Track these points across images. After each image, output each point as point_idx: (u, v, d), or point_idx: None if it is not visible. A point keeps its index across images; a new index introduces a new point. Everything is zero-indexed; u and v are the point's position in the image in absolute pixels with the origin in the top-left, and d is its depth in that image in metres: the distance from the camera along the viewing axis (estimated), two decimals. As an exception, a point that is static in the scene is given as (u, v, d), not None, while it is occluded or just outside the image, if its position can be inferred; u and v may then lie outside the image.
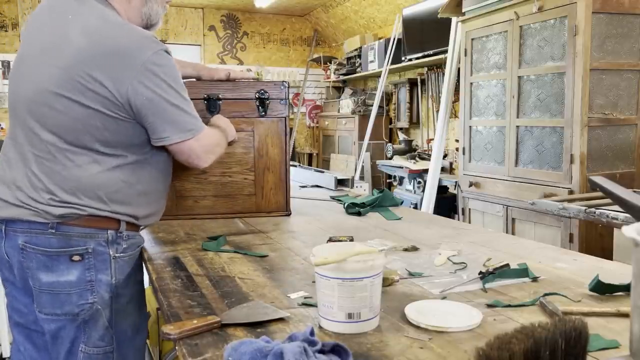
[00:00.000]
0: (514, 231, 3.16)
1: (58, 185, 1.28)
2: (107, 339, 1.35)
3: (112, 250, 1.34)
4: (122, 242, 1.36)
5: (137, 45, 1.27)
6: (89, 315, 1.32)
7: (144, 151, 1.38)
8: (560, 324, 0.65)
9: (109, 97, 1.26)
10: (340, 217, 1.97)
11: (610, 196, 1.12)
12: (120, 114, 1.29)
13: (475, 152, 3.55)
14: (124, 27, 1.31)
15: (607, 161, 2.81)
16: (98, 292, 1.32)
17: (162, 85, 1.29)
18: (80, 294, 1.30)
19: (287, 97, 1.94)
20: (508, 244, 1.56)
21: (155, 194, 1.46)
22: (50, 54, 1.29)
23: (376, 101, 5.58)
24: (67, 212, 1.28)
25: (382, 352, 0.83)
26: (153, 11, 1.46)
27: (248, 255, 1.43)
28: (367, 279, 0.90)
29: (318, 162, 7.31)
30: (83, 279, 1.30)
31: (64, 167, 1.28)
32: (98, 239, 1.32)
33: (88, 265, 1.31)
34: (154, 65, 1.27)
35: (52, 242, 1.29)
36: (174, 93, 1.32)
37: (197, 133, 1.38)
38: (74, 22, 1.29)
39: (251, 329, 0.92)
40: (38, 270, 1.29)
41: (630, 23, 2.77)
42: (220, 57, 7.31)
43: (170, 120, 1.33)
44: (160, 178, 1.47)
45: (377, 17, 6.25)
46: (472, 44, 3.51)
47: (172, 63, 1.33)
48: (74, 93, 1.25)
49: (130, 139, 1.34)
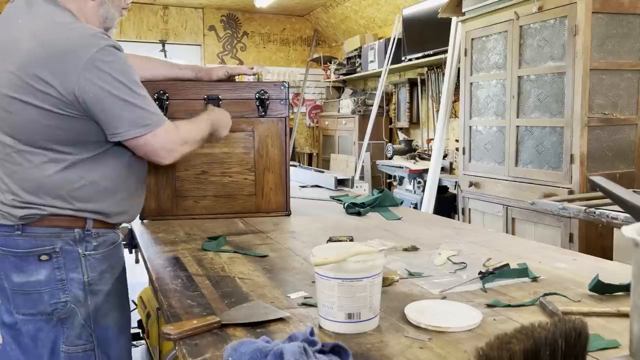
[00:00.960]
0: (514, 231, 3.16)
1: (20, 186, 1.30)
2: (84, 337, 1.35)
3: (81, 249, 1.34)
4: (91, 240, 1.36)
5: (82, 42, 1.27)
6: (65, 314, 1.32)
7: (104, 147, 1.36)
8: (560, 324, 0.65)
9: (58, 97, 1.26)
10: (340, 217, 1.97)
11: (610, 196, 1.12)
12: (72, 112, 1.28)
13: (475, 152, 3.55)
14: (71, 27, 1.31)
15: (607, 161, 2.81)
16: (70, 291, 1.32)
17: (110, 80, 1.28)
18: (52, 293, 1.31)
19: (287, 97, 1.94)
20: (508, 244, 1.56)
21: (124, 191, 1.43)
22: (2, 58, 1.30)
23: (376, 101, 5.58)
24: (28, 214, 1.29)
25: (382, 352, 0.83)
26: (109, 14, 1.45)
27: (248, 255, 1.43)
28: (367, 279, 0.90)
29: (318, 162, 7.31)
30: (53, 278, 1.31)
31: (23, 168, 1.30)
32: (65, 238, 1.32)
33: (57, 264, 1.31)
34: (100, 62, 1.26)
35: (20, 243, 1.30)
36: (123, 88, 1.30)
37: (154, 128, 1.35)
38: (23, 26, 1.30)
39: (251, 329, 0.92)
40: (10, 272, 1.31)
41: (630, 23, 2.77)
42: (220, 57, 7.31)
43: (122, 116, 1.31)
44: (128, 174, 1.44)
45: (377, 17, 6.25)
46: (472, 44, 3.51)
47: (120, 59, 1.32)
48: (25, 95, 1.26)
49: (86, 136, 1.33)
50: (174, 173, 1.90)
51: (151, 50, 6.76)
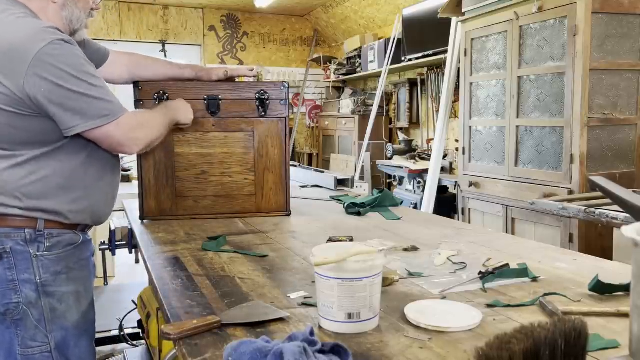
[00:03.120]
0: (514, 231, 3.16)
1: None
2: (39, 339, 1.33)
3: (32, 249, 1.33)
4: (44, 241, 1.34)
5: (30, 38, 1.25)
6: (17, 315, 1.31)
7: (58, 144, 1.34)
8: (560, 324, 0.65)
9: (8, 94, 1.24)
10: (340, 217, 1.97)
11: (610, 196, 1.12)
12: (23, 109, 1.27)
13: (475, 152, 3.55)
14: (19, 23, 1.29)
15: (607, 161, 2.81)
16: (22, 292, 1.31)
17: (60, 74, 1.26)
18: (3, 293, 1.30)
19: (287, 98, 1.94)
20: (508, 244, 1.56)
21: (79, 189, 1.40)
22: None
23: (376, 101, 5.58)
24: None
25: (382, 352, 0.83)
26: (74, 16, 1.43)
27: (248, 255, 1.43)
28: (366, 279, 0.90)
29: (318, 162, 7.30)
30: (4, 279, 1.30)
31: None
32: (15, 238, 1.31)
33: (8, 264, 1.30)
34: (49, 56, 1.24)
35: None
36: (75, 81, 1.28)
37: (113, 118, 1.33)
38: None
39: (251, 329, 0.92)
40: None
41: (630, 23, 2.77)
42: (220, 57, 7.31)
43: (76, 109, 1.29)
44: (85, 171, 1.41)
45: (377, 17, 6.25)
46: (472, 44, 3.51)
47: (70, 52, 1.30)
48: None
49: (39, 133, 1.31)
50: (174, 173, 1.90)
51: (151, 50, 6.76)
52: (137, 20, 6.87)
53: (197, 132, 1.89)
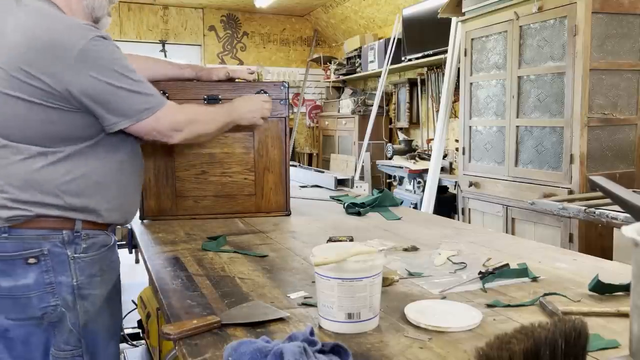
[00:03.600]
0: (514, 231, 3.16)
1: (7, 182, 1.25)
2: (72, 343, 1.31)
3: (70, 251, 1.30)
4: (80, 242, 1.32)
5: (70, 35, 1.25)
6: (55, 318, 1.29)
7: (95, 140, 1.34)
8: (560, 324, 0.65)
9: (49, 90, 1.24)
10: (340, 217, 1.97)
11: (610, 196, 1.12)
12: (63, 105, 1.26)
13: (475, 152, 3.55)
14: (57, 19, 1.28)
15: (607, 161, 2.81)
16: (60, 295, 1.29)
17: (103, 70, 1.27)
18: (41, 297, 1.27)
19: (287, 98, 1.94)
20: (508, 244, 1.56)
21: (115, 187, 1.39)
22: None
23: (376, 101, 5.58)
24: (15, 215, 1.25)
25: (382, 352, 0.83)
26: (96, 4, 1.42)
27: (248, 255, 1.43)
28: (366, 279, 0.90)
29: (318, 162, 7.30)
30: (41, 282, 1.27)
31: (9, 162, 1.26)
32: (53, 240, 1.29)
33: (45, 267, 1.28)
34: (91, 52, 1.25)
35: (7, 246, 1.26)
36: (118, 76, 1.29)
37: (154, 111, 1.34)
38: (10, 21, 1.28)
39: (251, 329, 0.92)
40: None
41: (630, 23, 2.77)
42: (220, 57, 7.31)
43: (119, 104, 1.30)
44: (120, 168, 1.41)
45: (377, 17, 6.25)
46: (472, 44, 3.51)
47: (110, 47, 1.30)
48: (12, 89, 1.23)
49: (77, 129, 1.30)
50: (174, 173, 1.90)
51: (151, 50, 6.76)
52: (137, 20, 6.87)
53: (197, 132, 1.89)
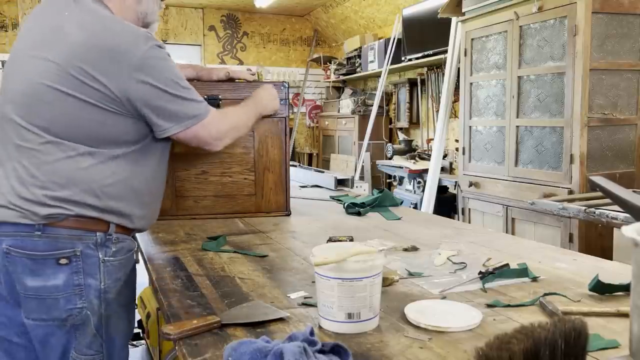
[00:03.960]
0: (514, 231, 3.16)
1: (49, 179, 1.24)
2: (95, 347, 1.30)
3: (101, 254, 1.29)
4: (111, 246, 1.31)
5: (132, 41, 1.28)
6: (79, 321, 1.27)
7: (137, 146, 1.36)
8: (560, 324, 0.65)
9: (105, 92, 1.26)
10: (340, 217, 1.97)
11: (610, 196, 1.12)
12: (116, 108, 1.28)
13: (475, 152, 3.55)
14: (118, 24, 1.32)
15: (607, 161, 2.81)
16: (87, 297, 1.27)
17: (160, 78, 1.31)
18: (68, 298, 1.25)
19: (287, 97, 1.94)
20: (508, 244, 1.56)
21: (148, 194, 1.42)
22: (44, 48, 1.28)
23: (376, 101, 5.58)
24: (54, 212, 1.23)
25: (382, 352, 0.83)
26: (149, 9, 1.46)
27: (248, 255, 1.43)
28: (367, 279, 0.90)
29: (318, 162, 7.30)
30: (71, 283, 1.25)
31: (55, 159, 1.25)
32: (86, 241, 1.27)
33: (76, 268, 1.26)
34: (149, 59, 1.29)
35: (39, 244, 1.23)
36: (173, 84, 1.34)
37: (202, 118, 1.40)
38: (69, 18, 1.29)
39: (251, 329, 0.92)
40: (23, 275, 1.24)
41: (630, 23, 2.77)
42: (220, 57, 7.31)
43: (172, 111, 1.34)
44: (154, 176, 1.43)
45: (377, 17, 6.25)
46: (472, 44, 3.51)
47: (166, 55, 1.35)
48: (68, 87, 1.24)
49: (124, 133, 1.32)
50: (174, 173, 1.90)
51: (151, 50, 6.76)
52: (137, 20, 6.86)
53: (197, 132, 1.89)
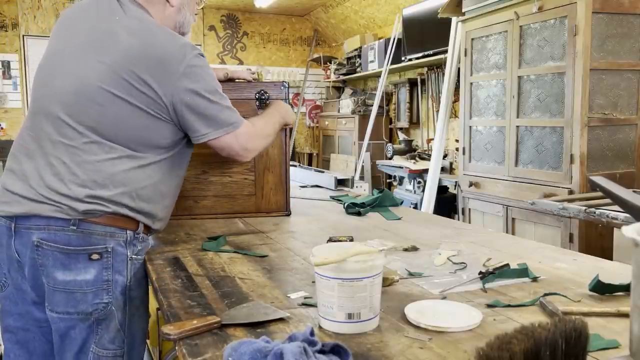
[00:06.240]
0: (514, 231, 3.16)
1: (90, 177, 1.28)
2: (117, 342, 1.33)
3: (129, 251, 1.34)
4: (137, 244, 1.37)
5: (180, 50, 1.35)
6: (103, 316, 1.30)
7: (170, 153, 1.42)
8: (560, 324, 0.65)
9: (154, 98, 1.32)
10: (340, 217, 1.97)
11: (610, 196, 1.12)
12: (161, 114, 1.34)
13: (475, 152, 3.55)
14: (166, 33, 1.39)
15: (607, 161, 2.81)
16: (114, 293, 1.31)
17: (203, 85, 1.37)
18: (97, 293, 1.29)
19: (287, 97, 1.94)
20: (508, 244, 1.56)
21: (170, 199, 1.48)
22: (96, 50, 1.32)
23: (376, 101, 5.58)
24: (92, 209, 1.27)
25: (382, 352, 0.83)
26: (186, 20, 1.53)
27: (248, 255, 1.43)
28: (367, 279, 0.90)
29: (318, 162, 7.30)
30: (100, 279, 1.29)
31: (98, 159, 1.29)
32: (118, 238, 1.32)
33: (106, 264, 1.30)
34: (195, 67, 1.35)
35: (72, 239, 1.27)
36: (213, 91, 1.40)
37: (234, 128, 1.44)
38: (120, 22, 1.35)
39: (251, 329, 0.92)
40: (54, 268, 1.26)
41: (630, 23, 2.77)
42: (220, 57, 7.31)
43: (210, 118, 1.39)
44: (178, 182, 1.51)
45: (377, 17, 6.25)
46: (472, 44, 3.51)
47: (207, 63, 1.42)
48: (119, 90, 1.29)
49: (163, 138, 1.38)
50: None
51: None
52: (137, 20, 6.86)
53: (197, 132, 1.89)
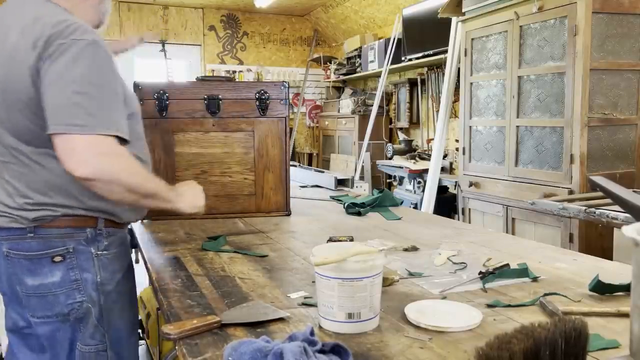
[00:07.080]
0: (514, 231, 3.16)
1: (30, 187, 1.27)
2: (97, 337, 1.34)
3: (93, 248, 1.34)
4: (102, 240, 1.35)
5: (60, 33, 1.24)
6: (81, 314, 1.32)
7: None
8: (560, 324, 0.65)
9: None
10: (340, 217, 1.97)
11: (610, 196, 1.12)
12: None
13: (475, 152, 3.55)
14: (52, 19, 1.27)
15: (607, 161, 2.80)
16: (86, 291, 1.32)
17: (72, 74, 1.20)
18: (68, 293, 1.30)
19: (287, 97, 1.94)
20: (508, 244, 1.56)
21: None
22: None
23: (376, 101, 5.57)
24: (41, 215, 1.28)
25: (382, 352, 0.83)
26: (107, 9, 1.48)
27: (248, 255, 1.43)
28: (367, 279, 0.90)
29: (318, 162, 7.30)
30: (67, 279, 1.30)
31: (30, 169, 1.28)
32: (77, 238, 1.32)
33: (71, 265, 1.30)
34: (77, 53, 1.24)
35: (33, 245, 1.29)
36: (81, 83, 1.20)
37: (79, 131, 1.16)
38: (13, 22, 1.28)
39: (251, 329, 0.92)
40: (23, 275, 1.29)
41: (630, 23, 2.77)
42: (220, 57, 7.31)
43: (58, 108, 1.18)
44: None
45: (377, 17, 6.25)
46: (472, 44, 3.51)
47: (98, 54, 1.26)
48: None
49: None
50: (174, 173, 1.90)
51: (151, 50, 6.76)
52: (137, 20, 6.86)
53: (197, 131, 1.89)
